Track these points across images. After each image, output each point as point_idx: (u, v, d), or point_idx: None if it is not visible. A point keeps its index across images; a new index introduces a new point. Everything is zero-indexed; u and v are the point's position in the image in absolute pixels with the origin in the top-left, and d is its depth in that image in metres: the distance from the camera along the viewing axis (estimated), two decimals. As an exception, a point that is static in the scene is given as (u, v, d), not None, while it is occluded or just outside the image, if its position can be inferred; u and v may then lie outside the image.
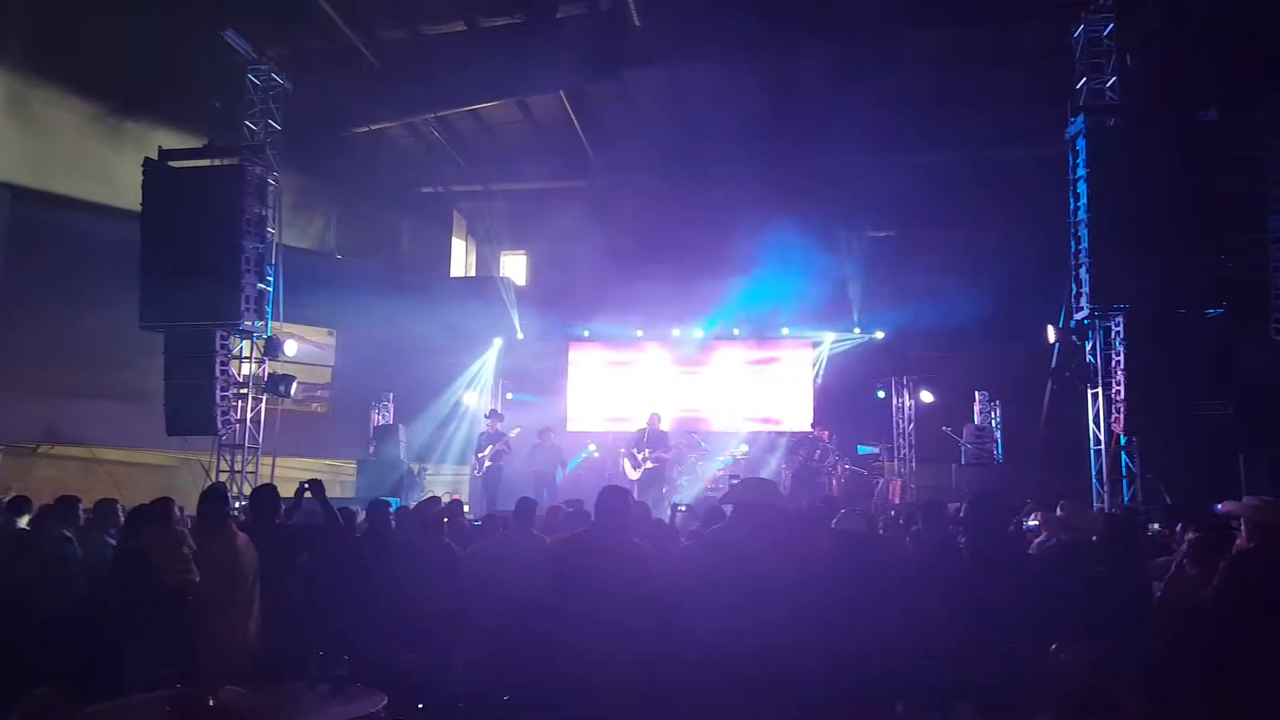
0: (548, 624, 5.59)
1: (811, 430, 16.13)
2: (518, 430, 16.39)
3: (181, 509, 8.32)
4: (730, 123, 17.27)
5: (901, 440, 18.39)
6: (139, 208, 13.60)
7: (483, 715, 6.23)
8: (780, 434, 18.32)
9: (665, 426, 16.51)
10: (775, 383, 19.31)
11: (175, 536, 7.47)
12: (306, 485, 7.33)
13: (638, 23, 15.78)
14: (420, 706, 6.53)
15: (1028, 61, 15.13)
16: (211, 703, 5.11)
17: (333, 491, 12.96)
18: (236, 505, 11.39)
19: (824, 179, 17.79)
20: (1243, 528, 5.68)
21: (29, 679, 6.27)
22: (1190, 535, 6.32)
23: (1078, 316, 11.88)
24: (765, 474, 16.15)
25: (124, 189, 14.09)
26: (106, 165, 15.58)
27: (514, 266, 23.26)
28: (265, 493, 7.40)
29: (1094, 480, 12.35)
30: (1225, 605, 5.36)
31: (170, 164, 13.81)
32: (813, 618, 5.22)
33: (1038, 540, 7.59)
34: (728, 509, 6.49)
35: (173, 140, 14.40)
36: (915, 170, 17.76)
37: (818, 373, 19.19)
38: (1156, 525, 9.92)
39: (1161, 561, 6.92)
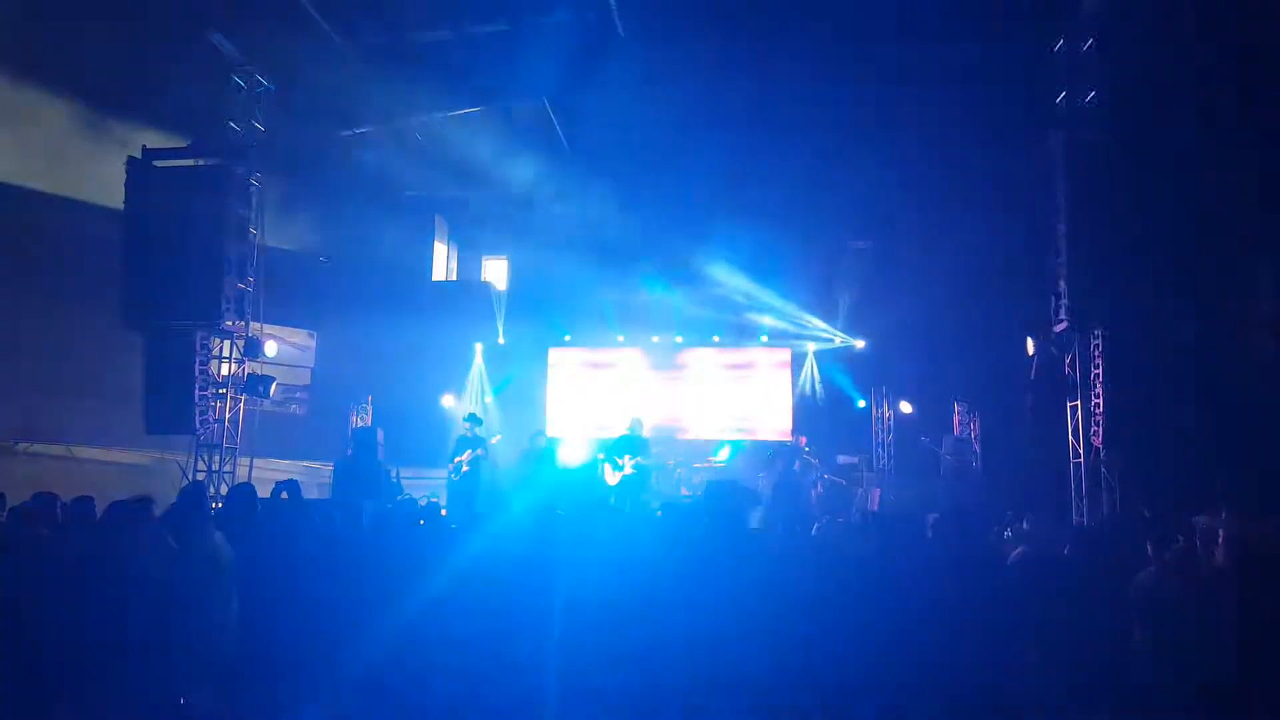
0: (522, 625, 5.59)
1: (790, 438, 16.15)
2: (499, 437, 16.37)
3: (159, 508, 8.29)
4: (713, 131, 17.33)
5: (881, 450, 18.44)
6: (121, 206, 13.57)
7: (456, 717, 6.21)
8: (758, 441, 18.39)
9: (645, 432, 16.53)
10: (753, 390, 19.38)
11: (152, 535, 7.45)
12: (283, 487, 7.32)
13: (622, 32, 15.78)
14: (393, 709, 6.52)
15: (1009, 74, 15.18)
16: (183, 702, 5.10)
17: (310, 493, 12.97)
18: (214, 505, 11.34)
19: (805, 188, 17.82)
20: (1223, 541, 5.72)
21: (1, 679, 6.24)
22: (1175, 546, 6.35)
23: (1057, 329, 11.95)
24: (743, 482, 16.16)
25: (107, 187, 14.04)
26: (89, 163, 15.50)
27: (495, 271, 23.22)
28: (242, 493, 7.39)
29: (1072, 492, 12.40)
30: (1214, 613, 5.39)
31: (154, 163, 13.78)
32: (783, 626, 5.24)
33: (1016, 552, 7.64)
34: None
35: (156, 140, 14.35)
36: (896, 181, 17.82)
37: (805, 381, 19.25)
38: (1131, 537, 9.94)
39: (1141, 576, 6.94)
